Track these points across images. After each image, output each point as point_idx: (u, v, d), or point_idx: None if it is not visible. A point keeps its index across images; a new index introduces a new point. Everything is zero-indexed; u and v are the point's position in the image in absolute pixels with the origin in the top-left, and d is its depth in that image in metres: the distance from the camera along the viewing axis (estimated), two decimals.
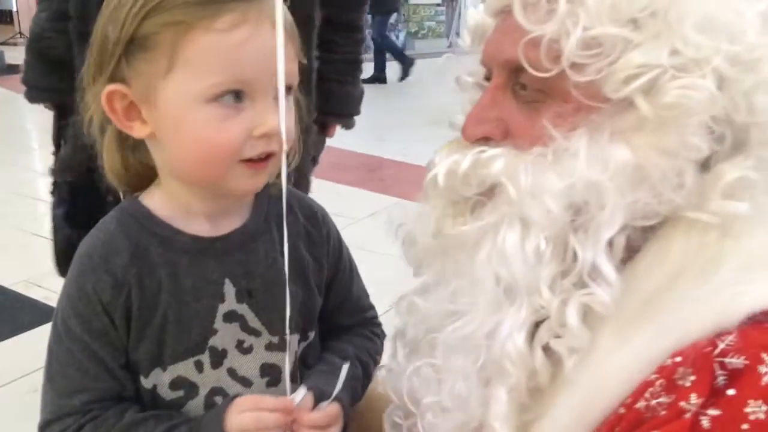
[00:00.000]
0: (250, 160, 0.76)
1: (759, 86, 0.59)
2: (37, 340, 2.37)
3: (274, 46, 0.72)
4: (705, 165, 0.63)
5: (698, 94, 0.57)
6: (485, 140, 0.68)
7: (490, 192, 0.66)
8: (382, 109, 6.73)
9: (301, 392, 0.81)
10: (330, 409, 0.82)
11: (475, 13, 0.72)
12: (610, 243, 0.62)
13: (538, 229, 0.62)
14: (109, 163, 0.83)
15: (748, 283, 0.57)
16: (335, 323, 0.98)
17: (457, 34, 11.21)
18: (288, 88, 0.75)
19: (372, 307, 1.03)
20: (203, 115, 0.72)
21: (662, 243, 0.62)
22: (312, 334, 0.92)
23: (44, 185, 4.40)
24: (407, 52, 11.12)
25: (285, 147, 0.74)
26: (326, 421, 0.81)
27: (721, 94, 0.59)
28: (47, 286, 2.74)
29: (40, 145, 5.17)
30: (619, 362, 0.60)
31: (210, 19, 0.70)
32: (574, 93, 0.62)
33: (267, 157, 0.77)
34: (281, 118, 0.73)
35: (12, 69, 9.24)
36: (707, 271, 0.59)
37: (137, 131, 0.77)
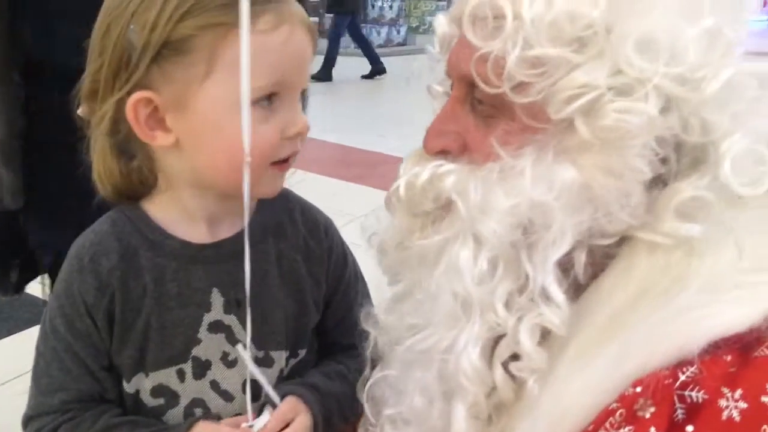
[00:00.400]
0: (277, 162, 0.75)
1: (706, 105, 0.58)
2: (36, 339, 2.38)
3: (305, 47, 0.73)
4: (660, 183, 0.62)
5: (636, 118, 0.57)
6: (444, 153, 0.68)
7: (447, 206, 0.66)
8: (383, 106, 6.73)
9: (263, 419, 0.79)
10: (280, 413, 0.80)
11: (442, 22, 0.72)
12: (567, 262, 0.62)
13: (489, 246, 0.62)
14: (106, 171, 0.80)
15: (711, 306, 0.56)
16: (333, 341, 0.95)
17: None
18: (304, 90, 0.76)
19: None
20: (241, 120, 0.69)
21: (627, 262, 0.62)
22: (303, 352, 0.90)
23: None
24: (408, 47, 11.16)
25: (248, 159, 0.70)
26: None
27: (668, 115, 0.58)
28: (46, 282, 2.74)
29: None
30: (581, 385, 0.59)
31: (252, 20, 0.67)
32: (518, 112, 0.62)
33: (288, 157, 0.76)
34: (244, 129, 0.68)
35: None
36: (671, 292, 0.58)
37: (159, 140, 0.74)
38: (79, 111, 0.78)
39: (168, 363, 0.82)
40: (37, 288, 2.69)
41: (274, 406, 0.81)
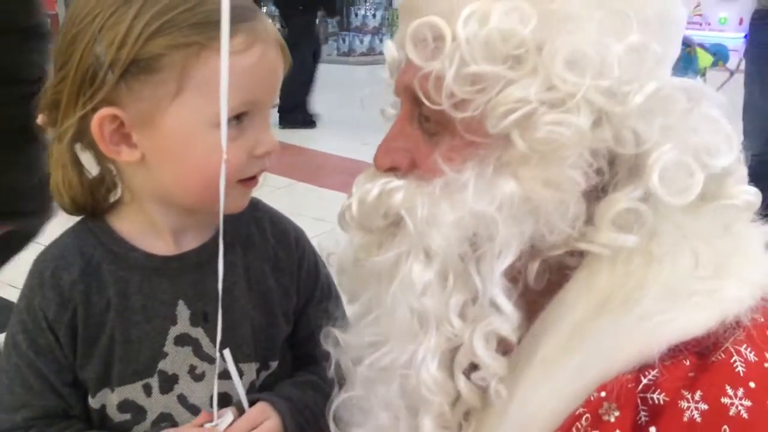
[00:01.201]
0: (244, 180, 0.75)
1: (633, 117, 0.60)
2: None
3: (277, 65, 0.73)
4: (599, 194, 0.63)
5: (567, 131, 0.59)
6: (394, 170, 0.69)
7: (397, 222, 0.67)
8: (366, 114, 6.74)
9: (228, 419, 0.79)
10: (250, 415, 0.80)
11: (390, 47, 0.73)
12: (516, 272, 0.64)
13: (438, 260, 0.63)
14: (65, 183, 0.78)
15: (670, 312, 0.58)
16: (307, 353, 0.93)
17: None
18: (273, 106, 0.76)
19: None
20: (211, 138, 0.69)
21: (588, 272, 0.64)
22: (274, 364, 0.88)
23: None
24: None
25: (224, 167, 0.68)
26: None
27: (600, 128, 0.60)
28: (21, 286, 2.71)
29: None
30: (548, 391, 0.61)
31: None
32: (459, 128, 0.64)
33: (255, 175, 0.76)
34: (223, 138, 0.68)
35: None
36: (631, 300, 0.60)
37: (124, 155, 0.73)
38: (38, 120, 0.77)
39: (134, 377, 0.80)
40: (12, 292, 2.67)
41: (241, 411, 0.80)
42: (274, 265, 0.88)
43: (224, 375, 0.79)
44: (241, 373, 0.83)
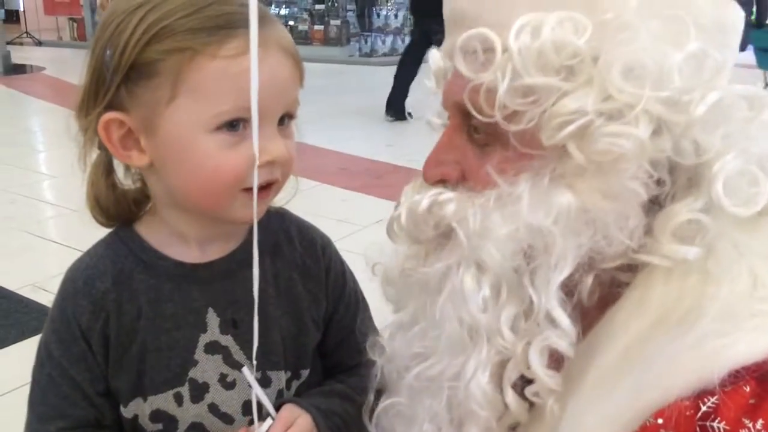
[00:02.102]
0: (249, 189, 0.73)
1: (695, 126, 0.58)
2: None
3: (281, 72, 0.72)
4: (658, 205, 0.62)
5: (627, 142, 0.57)
6: (443, 182, 0.69)
7: (448, 234, 0.67)
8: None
9: (267, 424, 0.78)
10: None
11: (436, 57, 0.73)
12: (571, 285, 0.62)
13: (491, 272, 0.62)
14: (95, 193, 0.80)
15: (729, 335, 0.56)
16: (337, 362, 0.93)
17: None
18: (290, 116, 0.75)
19: None
20: (207, 144, 0.70)
21: (642, 291, 0.62)
22: (305, 372, 0.88)
23: (49, 187, 4.42)
24: None
25: (256, 173, 0.70)
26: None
27: (660, 138, 0.59)
28: (53, 289, 2.74)
29: (45, 147, 5.20)
30: (601, 415, 0.59)
31: (217, 45, 0.68)
32: (512, 140, 0.63)
33: (268, 185, 0.75)
34: (255, 144, 0.69)
35: (19, 69, 9.26)
36: (687, 321, 0.58)
37: (135, 160, 0.74)
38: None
39: (165, 386, 0.81)
40: (43, 296, 2.71)
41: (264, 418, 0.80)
42: (303, 272, 0.88)
43: (258, 383, 0.79)
44: (269, 382, 0.83)
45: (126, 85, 0.70)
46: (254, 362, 0.75)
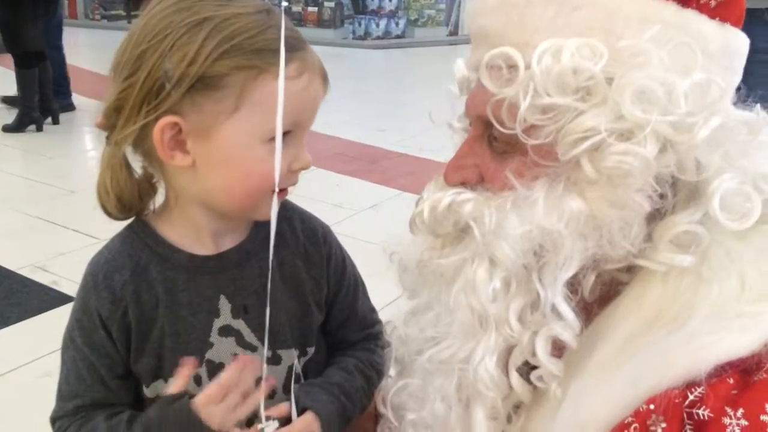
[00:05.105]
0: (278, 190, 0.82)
1: (698, 148, 0.64)
2: (45, 325, 2.44)
3: (320, 93, 0.82)
4: (659, 215, 0.68)
5: (635, 161, 0.63)
6: (463, 183, 0.75)
7: (465, 230, 0.73)
8: (383, 100, 6.75)
9: (272, 426, 0.85)
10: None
11: (461, 67, 0.80)
12: (576, 283, 0.68)
13: (503, 267, 0.68)
14: (113, 181, 0.84)
15: (717, 333, 0.62)
16: (341, 339, 1.02)
17: (456, 23, 11.20)
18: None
19: (378, 322, 1.06)
20: (258, 152, 0.78)
21: (640, 288, 0.68)
22: (311, 350, 0.96)
23: (50, 169, 4.43)
24: (407, 40, 11.08)
25: (277, 176, 0.79)
26: None
27: (665, 155, 0.64)
28: (54, 270, 2.78)
29: (46, 128, 5.19)
30: (601, 399, 0.66)
31: (279, 66, 0.75)
32: (530, 151, 0.68)
33: (286, 187, 0.84)
34: (277, 158, 0.77)
35: None
36: (680, 319, 0.64)
37: (178, 160, 0.79)
38: (96, 122, 0.83)
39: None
40: (45, 276, 2.76)
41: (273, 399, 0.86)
42: (305, 259, 0.95)
43: (269, 362, 0.87)
44: (279, 359, 0.91)
45: (190, 94, 0.76)
46: (266, 344, 0.84)
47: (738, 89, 0.72)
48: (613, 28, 0.66)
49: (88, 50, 8.69)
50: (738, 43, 0.71)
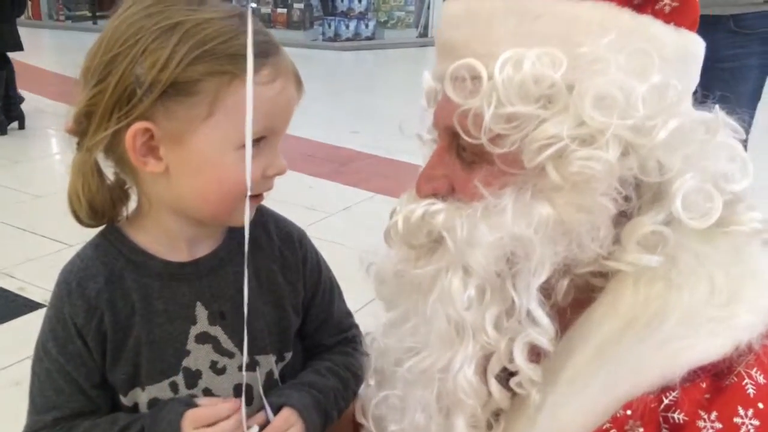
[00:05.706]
0: (252, 196, 0.81)
1: (658, 149, 0.66)
2: (13, 332, 2.38)
3: (294, 98, 0.82)
4: (625, 217, 0.70)
5: (597, 164, 0.65)
6: (434, 195, 0.76)
7: (439, 240, 0.74)
8: (354, 102, 6.76)
9: (254, 430, 0.85)
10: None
11: (428, 78, 0.81)
12: (549, 288, 0.70)
13: (476, 275, 0.69)
14: (84, 187, 0.82)
15: (689, 338, 0.64)
16: (318, 342, 1.02)
17: (426, 25, 11.26)
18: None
19: (354, 326, 1.07)
20: (232, 158, 0.77)
21: (614, 294, 0.70)
22: (288, 355, 0.96)
23: (16, 174, 4.34)
24: (377, 41, 11.09)
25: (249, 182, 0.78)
26: None
27: (627, 158, 0.66)
28: (20, 276, 2.69)
29: (9, 131, 5.09)
30: (577, 406, 0.67)
31: (254, 72, 0.74)
32: (496, 160, 0.70)
33: (261, 193, 0.84)
34: (247, 161, 0.76)
35: None
36: (653, 325, 0.66)
37: (151, 167, 0.79)
38: (66, 128, 0.81)
39: (161, 376, 0.87)
40: (12, 282, 2.70)
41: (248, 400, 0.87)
42: (281, 264, 0.95)
43: (246, 368, 0.87)
44: (257, 364, 0.91)
45: (162, 100, 0.75)
46: (245, 351, 0.83)
47: (695, 93, 0.74)
48: (572, 36, 0.67)
49: (53, 52, 8.54)
50: (694, 46, 0.72)
